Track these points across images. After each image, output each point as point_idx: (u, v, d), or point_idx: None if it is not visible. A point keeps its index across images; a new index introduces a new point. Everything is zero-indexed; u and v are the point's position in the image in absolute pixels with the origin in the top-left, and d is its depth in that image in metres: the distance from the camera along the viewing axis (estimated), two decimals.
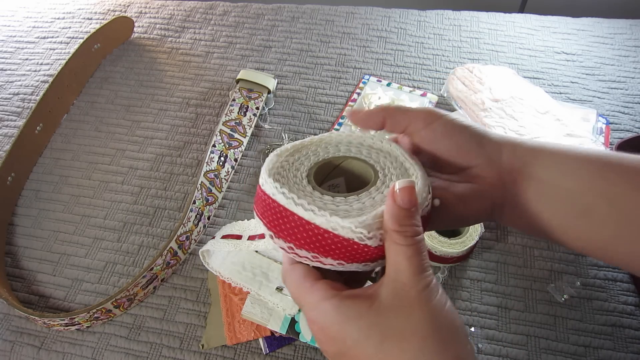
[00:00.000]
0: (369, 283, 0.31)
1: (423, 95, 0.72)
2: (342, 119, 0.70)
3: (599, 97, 0.71)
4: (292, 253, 0.29)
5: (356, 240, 0.27)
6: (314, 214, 0.27)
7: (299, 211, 0.27)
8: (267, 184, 0.30)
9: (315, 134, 0.69)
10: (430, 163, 0.34)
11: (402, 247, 0.26)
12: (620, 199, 0.30)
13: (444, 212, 0.33)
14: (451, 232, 0.55)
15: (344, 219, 0.26)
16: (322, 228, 0.27)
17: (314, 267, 0.29)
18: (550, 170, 0.32)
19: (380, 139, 0.33)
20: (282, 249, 0.29)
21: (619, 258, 0.31)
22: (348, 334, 0.26)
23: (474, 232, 0.53)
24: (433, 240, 0.53)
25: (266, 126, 0.71)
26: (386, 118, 0.33)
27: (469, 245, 0.52)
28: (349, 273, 0.31)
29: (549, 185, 0.32)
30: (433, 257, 0.54)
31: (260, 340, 0.52)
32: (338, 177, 0.34)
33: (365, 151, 0.33)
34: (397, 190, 0.26)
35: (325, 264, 0.28)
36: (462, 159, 0.33)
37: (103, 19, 0.90)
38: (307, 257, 0.28)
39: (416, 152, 0.34)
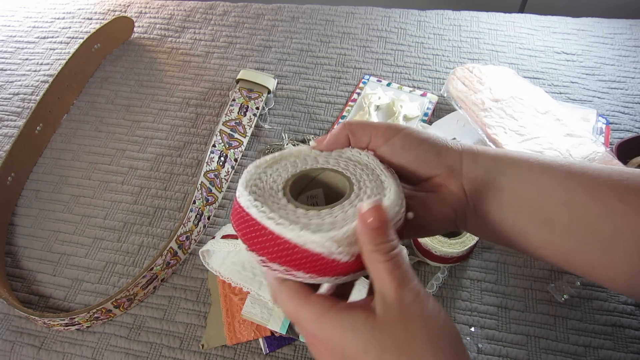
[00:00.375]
0: (353, 296, 0.32)
1: (423, 95, 0.72)
2: (342, 119, 0.70)
3: (599, 97, 0.71)
4: (265, 266, 0.29)
5: (326, 255, 0.27)
6: (284, 228, 0.27)
7: (270, 225, 0.28)
8: (242, 196, 0.30)
9: (315, 134, 0.69)
10: (402, 173, 0.35)
11: (382, 264, 0.26)
12: (580, 209, 0.30)
13: (414, 222, 0.33)
14: (451, 233, 0.55)
15: (314, 234, 0.27)
16: (292, 242, 0.27)
17: (301, 283, 0.29)
18: (512, 179, 0.32)
19: (358, 151, 0.34)
20: (256, 261, 0.29)
21: (581, 267, 0.31)
22: (347, 346, 0.26)
23: None
24: (433, 241, 0.53)
25: (266, 126, 0.71)
26: (349, 136, 0.34)
27: (469, 245, 0.52)
28: (335, 287, 0.31)
29: (510, 194, 0.32)
30: (433, 257, 0.54)
31: (260, 340, 0.52)
32: (316, 189, 0.34)
33: (343, 163, 0.33)
34: (364, 212, 0.27)
35: (297, 277, 0.28)
36: (423, 170, 0.34)
37: (103, 19, 0.90)
38: (279, 270, 0.28)
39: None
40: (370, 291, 0.29)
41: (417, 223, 0.33)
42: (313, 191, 0.34)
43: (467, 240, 0.53)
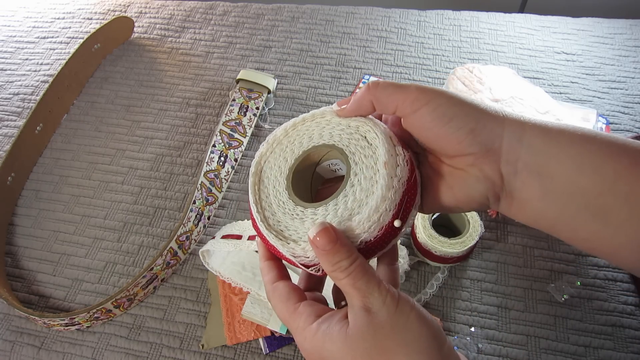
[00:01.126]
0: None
1: None
2: None
3: (599, 97, 0.71)
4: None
5: (293, 262, 0.29)
6: (263, 228, 0.30)
7: (260, 226, 0.30)
8: (249, 184, 0.32)
9: None
10: (421, 146, 0.32)
11: (344, 280, 0.27)
12: None
13: (431, 198, 0.31)
14: (451, 232, 0.55)
15: (283, 246, 0.29)
16: (268, 241, 0.30)
17: (292, 286, 0.31)
18: (565, 166, 0.28)
19: (373, 124, 0.31)
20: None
21: (632, 264, 0.28)
22: (325, 356, 0.28)
23: (474, 232, 0.53)
24: (433, 240, 0.53)
25: (266, 126, 0.71)
26: (373, 102, 0.30)
27: (469, 245, 0.52)
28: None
29: (561, 182, 0.28)
30: (433, 257, 0.54)
31: (260, 340, 0.52)
32: (333, 157, 0.33)
33: (354, 144, 0.31)
34: (312, 237, 0.27)
35: (284, 259, 0.31)
36: (452, 148, 0.29)
37: (103, 19, 0.90)
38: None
39: (406, 136, 0.32)
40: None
41: (441, 202, 0.31)
42: (334, 160, 0.33)
43: (467, 240, 0.53)
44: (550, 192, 0.28)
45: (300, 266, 0.29)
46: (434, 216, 0.55)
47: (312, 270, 0.29)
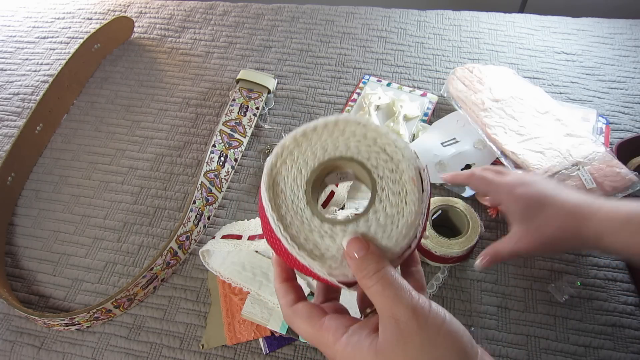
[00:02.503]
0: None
1: (423, 95, 0.72)
2: None
3: (599, 97, 0.71)
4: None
5: (325, 278, 0.29)
6: (290, 248, 0.28)
7: (283, 241, 0.29)
8: (264, 198, 0.30)
9: None
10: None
11: (372, 288, 0.27)
12: None
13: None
14: (451, 232, 0.55)
15: (314, 261, 0.28)
16: (298, 260, 0.29)
17: (311, 305, 0.30)
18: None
19: (395, 140, 0.30)
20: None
21: None
22: None
23: (473, 233, 0.53)
24: (433, 241, 0.53)
25: (266, 126, 0.71)
26: (471, 182, 0.43)
27: (469, 246, 0.52)
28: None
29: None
30: (433, 257, 0.54)
31: (260, 340, 0.52)
32: (346, 168, 0.32)
33: (374, 157, 0.30)
34: (346, 249, 0.28)
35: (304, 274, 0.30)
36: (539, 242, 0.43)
37: (103, 19, 0.90)
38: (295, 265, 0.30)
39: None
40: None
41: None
42: (342, 172, 0.32)
43: (467, 241, 0.53)
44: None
45: (337, 284, 0.29)
46: (434, 216, 0.55)
47: (351, 288, 0.29)
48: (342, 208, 0.59)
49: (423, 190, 0.29)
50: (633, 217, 0.40)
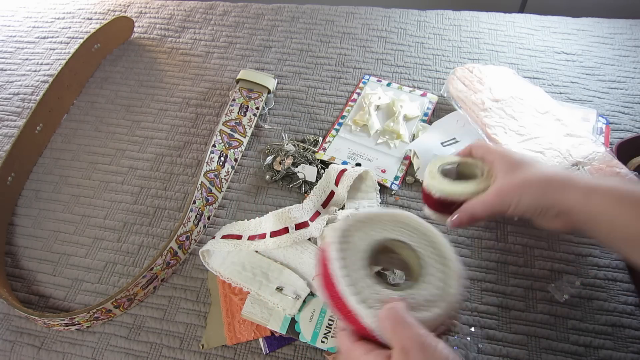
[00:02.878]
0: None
1: (423, 95, 0.72)
2: (342, 119, 0.70)
3: (599, 97, 0.71)
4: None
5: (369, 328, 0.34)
6: (360, 309, 0.34)
7: (350, 300, 0.34)
8: (332, 259, 0.36)
9: (315, 134, 0.69)
10: None
11: (384, 322, 0.32)
12: None
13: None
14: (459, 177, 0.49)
15: (367, 310, 0.34)
16: (354, 314, 0.34)
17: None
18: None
19: (444, 244, 0.39)
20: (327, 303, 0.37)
21: None
22: None
23: (485, 182, 0.45)
24: (434, 180, 0.46)
25: (266, 126, 0.71)
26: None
27: (471, 191, 0.44)
28: None
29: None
30: (433, 202, 0.47)
31: (260, 340, 0.52)
32: (396, 254, 0.40)
33: (425, 249, 0.38)
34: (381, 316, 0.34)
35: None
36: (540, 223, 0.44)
37: (103, 19, 0.90)
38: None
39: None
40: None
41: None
42: (393, 256, 0.40)
43: (471, 186, 0.45)
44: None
45: (375, 335, 0.34)
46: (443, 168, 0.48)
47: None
48: (342, 208, 0.59)
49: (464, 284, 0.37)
50: (598, 187, 0.39)
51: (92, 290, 0.58)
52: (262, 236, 0.56)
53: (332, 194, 0.59)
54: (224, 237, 0.56)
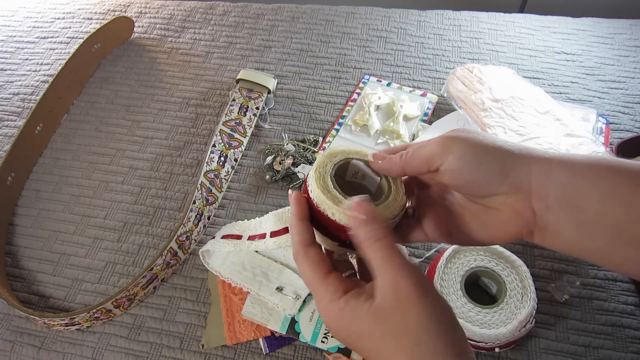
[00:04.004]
0: None
1: (423, 95, 0.72)
2: (342, 119, 0.70)
3: (599, 97, 0.71)
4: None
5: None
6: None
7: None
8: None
9: (315, 134, 0.69)
10: (464, 191, 0.33)
11: (376, 253, 0.29)
12: None
13: (465, 235, 0.34)
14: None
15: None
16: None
17: (323, 255, 0.32)
18: (595, 199, 0.29)
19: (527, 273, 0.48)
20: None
21: None
22: (352, 331, 0.29)
23: (392, 199, 0.34)
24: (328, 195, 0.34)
25: (266, 126, 0.71)
26: (404, 167, 0.33)
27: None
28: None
29: (593, 214, 0.29)
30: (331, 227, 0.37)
31: (260, 340, 0.52)
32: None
33: (507, 272, 0.49)
34: (351, 210, 0.30)
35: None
36: (484, 191, 0.31)
37: (103, 19, 0.90)
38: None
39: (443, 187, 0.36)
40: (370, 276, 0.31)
41: (475, 238, 0.34)
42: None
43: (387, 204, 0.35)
44: (583, 223, 0.29)
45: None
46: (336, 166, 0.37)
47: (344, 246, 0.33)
48: None
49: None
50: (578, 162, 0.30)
51: (92, 290, 0.58)
52: (262, 236, 0.56)
53: None
54: (224, 237, 0.56)
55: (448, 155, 0.31)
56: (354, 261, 0.37)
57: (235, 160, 0.66)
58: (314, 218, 0.33)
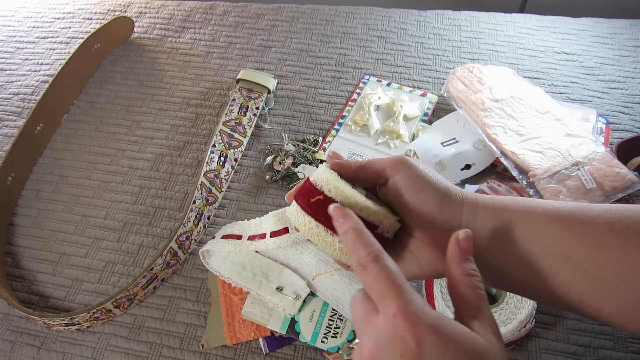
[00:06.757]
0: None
1: (423, 95, 0.72)
2: (342, 119, 0.70)
3: (599, 97, 0.71)
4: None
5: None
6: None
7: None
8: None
9: (315, 134, 0.69)
10: (401, 214, 0.35)
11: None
12: (584, 262, 0.29)
13: (402, 267, 0.34)
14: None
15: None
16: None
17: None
18: (513, 236, 0.31)
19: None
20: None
21: (588, 314, 0.31)
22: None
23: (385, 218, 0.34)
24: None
25: (266, 126, 0.71)
26: (356, 172, 0.35)
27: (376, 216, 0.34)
28: None
29: (512, 250, 0.31)
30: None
31: (260, 340, 0.52)
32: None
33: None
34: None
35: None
36: (422, 217, 0.33)
37: (103, 19, 0.90)
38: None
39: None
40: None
41: (408, 271, 0.35)
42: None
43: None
44: (505, 258, 0.32)
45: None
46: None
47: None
48: None
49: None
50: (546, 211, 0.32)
51: (92, 290, 0.58)
52: (262, 236, 0.56)
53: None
54: (224, 237, 0.56)
55: (397, 173, 0.34)
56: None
57: (235, 160, 0.66)
58: (329, 220, 0.31)
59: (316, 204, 0.32)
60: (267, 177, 0.65)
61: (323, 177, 0.33)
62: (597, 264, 0.29)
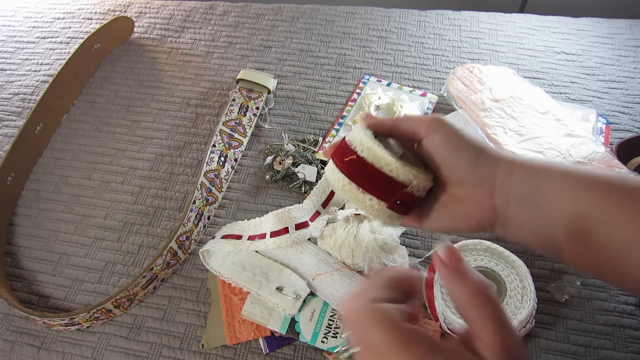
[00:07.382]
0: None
1: (423, 95, 0.72)
2: (342, 119, 0.70)
3: (599, 97, 0.71)
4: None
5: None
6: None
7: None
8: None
9: (315, 134, 0.69)
10: (432, 170, 0.36)
11: (477, 307, 0.27)
12: (617, 229, 0.30)
13: (434, 221, 0.36)
14: None
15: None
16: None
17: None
18: (549, 198, 0.32)
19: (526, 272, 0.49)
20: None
21: (612, 278, 0.32)
22: None
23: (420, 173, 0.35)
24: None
25: (266, 126, 0.71)
26: (392, 127, 0.36)
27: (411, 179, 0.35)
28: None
29: (547, 211, 0.32)
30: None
31: (260, 340, 0.52)
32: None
33: (507, 272, 0.50)
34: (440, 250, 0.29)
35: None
36: (455, 176, 0.34)
37: (103, 19, 0.90)
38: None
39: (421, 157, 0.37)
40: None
41: (441, 224, 0.36)
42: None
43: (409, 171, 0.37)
44: (538, 219, 0.32)
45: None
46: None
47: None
48: (342, 208, 0.59)
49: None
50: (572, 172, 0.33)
51: (92, 290, 0.58)
52: (262, 236, 0.56)
53: (332, 194, 0.59)
54: (224, 237, 0.56)
55: (433, 132, 0.34)
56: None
57: (235, 160, 0.66)
58: (361, 179, 0.33)
59: (349, 163, 0.34)
60: (267, 177, 0.65)
61: (357, 137, 0.35)
62: (632, 231, 0.30)
